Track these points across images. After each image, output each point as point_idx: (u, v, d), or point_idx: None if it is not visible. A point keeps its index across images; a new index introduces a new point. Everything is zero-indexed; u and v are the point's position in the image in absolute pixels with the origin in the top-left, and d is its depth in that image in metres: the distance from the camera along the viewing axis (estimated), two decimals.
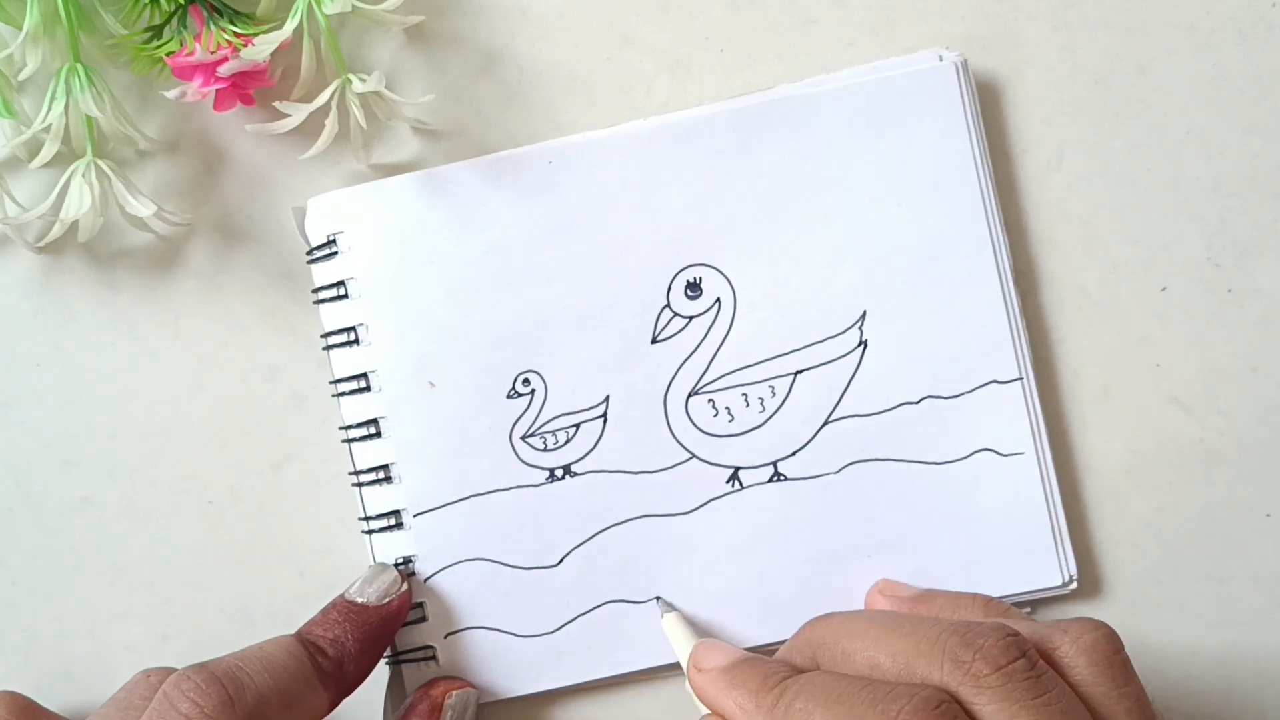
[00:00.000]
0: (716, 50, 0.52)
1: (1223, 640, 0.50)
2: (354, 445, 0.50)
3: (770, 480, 0.50)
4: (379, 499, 0.50)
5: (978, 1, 0.52)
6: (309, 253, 0.50)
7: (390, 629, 0.48)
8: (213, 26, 0.48)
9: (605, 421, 0.50)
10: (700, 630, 0.49)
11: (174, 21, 0.49)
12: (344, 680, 0.46)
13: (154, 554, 0.51)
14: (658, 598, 0.50)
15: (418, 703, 0.48)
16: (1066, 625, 0.41)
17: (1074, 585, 0.50)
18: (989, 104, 0.51)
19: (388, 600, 0.48)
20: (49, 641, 0.51)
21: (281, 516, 0.51)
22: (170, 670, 0.43)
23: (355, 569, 0.50)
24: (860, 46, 0.51)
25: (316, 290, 0.50)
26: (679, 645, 0.48)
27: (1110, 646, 0.40)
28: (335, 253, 0.50)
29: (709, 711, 0.43)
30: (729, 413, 0.50)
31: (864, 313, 0.50)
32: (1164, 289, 0.51)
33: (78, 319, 0.52)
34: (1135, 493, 0.50)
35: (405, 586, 0.49)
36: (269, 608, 0.51)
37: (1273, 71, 0.51)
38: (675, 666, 0.50)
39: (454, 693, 0.48)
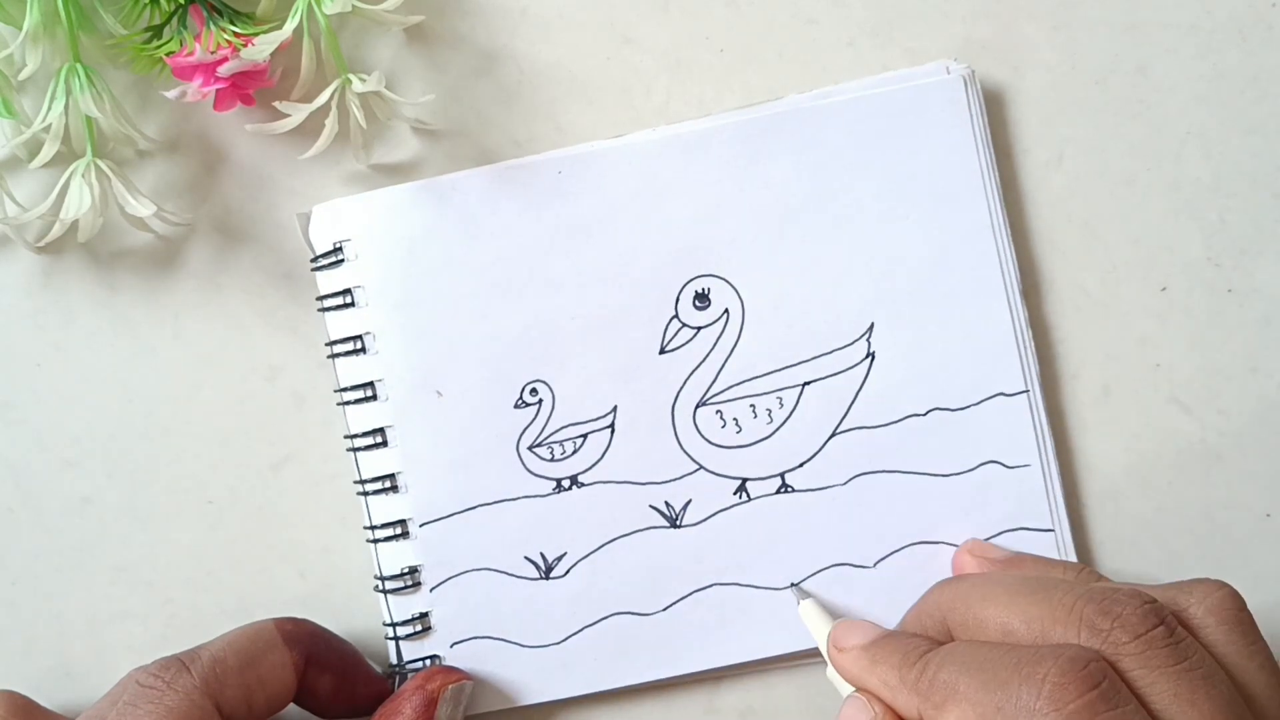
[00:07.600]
0: (717, 50, 0.52)
1: None
2: (360, 454, 0.50)
3: (778, 492, 0.50)
4: (385, 508, 0.50)
5: (978, 2, 0.51)
6: (313, 260, 0.50)
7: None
8: (213, 26, 0.48)
9: (613, 432, 0.50)
10: (835, 615, 0.49)
11: (174, 21, 0.49)
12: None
13: (154, 554, 0.51)
14: (793, 584, 0.49)
15: (410, 693, 0.47)
16: (1190, 586, 0.41)
17: None
18: (989, 104, 0.51)
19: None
20: (49, 641, 0.51)
21: (281, 516, 0.51)
22: None
23: (356, 569, 0.51)
24: (860, 47, 0.51)
25: (322, 298, 0.50)
26: (816, 630, 0.48)
27: (1236, 604, 0.40)
28: (342, 260, 0.50)
29: (853, 690, 0.44)
30: (737, 424, 0.49)
31: (871, 325, 0.49)
32: (1164, 289, 0.51)
33: (78, 319, 0.51)
34: (1135, 493, 0.51)
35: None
36: (269, 608, 0.51)
37: (1273, 71, 0.51)
38: (679, 679, 0.50)
39: (450, 686, 0.48)
